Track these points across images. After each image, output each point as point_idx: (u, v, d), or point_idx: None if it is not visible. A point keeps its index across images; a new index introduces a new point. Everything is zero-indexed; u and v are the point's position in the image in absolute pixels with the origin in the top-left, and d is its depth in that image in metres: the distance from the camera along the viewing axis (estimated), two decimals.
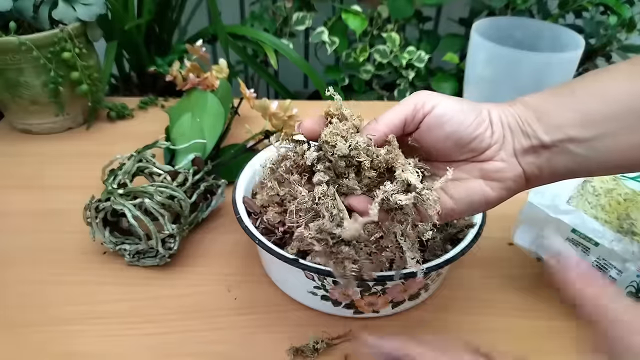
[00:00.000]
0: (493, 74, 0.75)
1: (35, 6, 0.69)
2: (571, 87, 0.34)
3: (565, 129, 0.33)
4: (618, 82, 0.33)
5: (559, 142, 0.33)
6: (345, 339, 0.46)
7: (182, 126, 0.64)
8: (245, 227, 0.45)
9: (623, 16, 0.96)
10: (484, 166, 0.35)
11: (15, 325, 0.46)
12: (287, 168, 0.37)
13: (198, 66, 0.77)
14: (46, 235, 0.57)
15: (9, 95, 0.72)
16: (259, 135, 0.70)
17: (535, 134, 0.34)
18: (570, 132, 0.32)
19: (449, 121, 0.34)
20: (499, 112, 0.35)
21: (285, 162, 0.37)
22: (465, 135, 0.34)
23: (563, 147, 0.33)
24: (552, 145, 0.33)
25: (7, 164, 0.70)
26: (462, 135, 0.34)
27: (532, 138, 0.34)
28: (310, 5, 1.07)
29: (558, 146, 0.33)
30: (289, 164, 0.37)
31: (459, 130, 0.34)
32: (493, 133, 0.34)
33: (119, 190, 0.51)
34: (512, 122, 0.34)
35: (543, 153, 0.34)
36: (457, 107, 0.34)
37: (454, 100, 0.35)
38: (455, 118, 0.34)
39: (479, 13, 1.06)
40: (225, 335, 0.46)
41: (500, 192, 0.35)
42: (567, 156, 0.33)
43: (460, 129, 0.34)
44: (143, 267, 0.53)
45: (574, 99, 0.33)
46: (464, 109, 0.34)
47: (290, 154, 0.37)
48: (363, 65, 1.06)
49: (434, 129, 0.34)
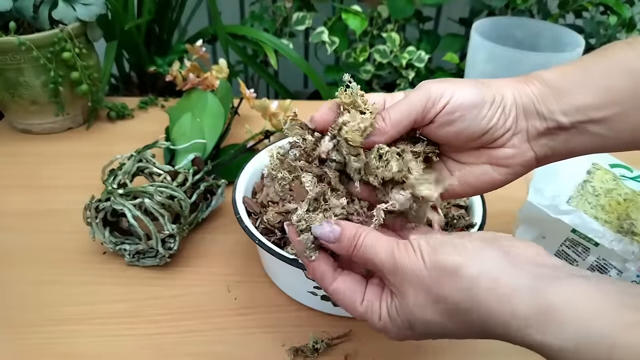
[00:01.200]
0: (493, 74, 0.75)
1: (35, 6, 0.69)
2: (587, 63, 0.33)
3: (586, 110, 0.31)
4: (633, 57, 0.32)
5: (578, 124, 0.32)
6: (345, 339, 0.46)
7: (182, 126, 0.64)
8: (245, 227, 0.45)
9: (623, 16, 0.96)
10: (494, 152, 0.34)
11: (15, 325, 0.46)
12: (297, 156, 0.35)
13: (198, 66, 0.77)
14: (46, 235, 0.57)
15: (9, 95, 0.72)
16: (259, 135, 0.70)
17: (552, 115, 0.32)
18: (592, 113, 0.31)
19: (461, 117, 0.32)
20: (513, 92, 0.33)
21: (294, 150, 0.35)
22: (478, 130, 0.33)
23: (582, 128, 0.32)
24: (571, 127, 0.32)
25: (7, 164, 0.70)
26: (474, 131, 0.33)
27: (549, 120, 0.32)
28: (310, 5, 1.07)
29: (577, 127, 0.32)
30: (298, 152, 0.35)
31: (472, 126, 0.32)
32: (507, 120, 0.33)
33: (119, 190, 0.51)
34: (527, 103, 0.33)
35: (560, 134, 0.32)
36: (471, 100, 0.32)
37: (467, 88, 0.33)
38: (468, 115, 0.32)
39: (479, 13, 1.06)
40: (225, 335, 0.46)
41: (507, 176, 0.34)
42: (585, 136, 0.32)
43: (473, 124, 0.32)
44: (143, 267, 0.53)
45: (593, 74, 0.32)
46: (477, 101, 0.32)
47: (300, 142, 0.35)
48: (363, 65, 1.06)
49: (446, 126, 0.33)
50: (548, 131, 0.33)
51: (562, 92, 0.32)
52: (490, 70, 0.75)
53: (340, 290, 0.32)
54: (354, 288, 0.32)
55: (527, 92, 0.33)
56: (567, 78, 0.33)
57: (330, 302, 0.46)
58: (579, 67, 0.33)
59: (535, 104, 0.33)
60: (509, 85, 0.34)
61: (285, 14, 1.06)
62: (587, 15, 1.03)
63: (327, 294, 0.33)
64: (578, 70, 0.33)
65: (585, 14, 1.03)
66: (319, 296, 0.46)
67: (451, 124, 0.33)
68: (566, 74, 0.33)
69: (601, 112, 0.31)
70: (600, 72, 0.32)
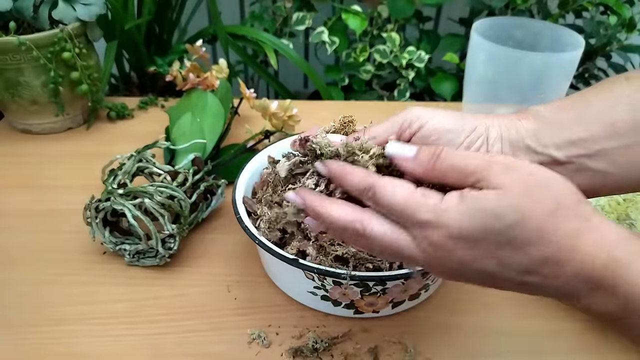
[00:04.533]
0: (493, 74, 0.75)
1: (35, 6, 0.69)
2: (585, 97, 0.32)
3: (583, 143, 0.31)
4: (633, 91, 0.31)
5: (575, 158, 0.31)
6: (345, 339, 0.46)
7: (182, 126, 0.64)
8: (245, 227, 0.45)
9: (623, 16, 0.96)
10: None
11: (15, 325, 0.46)
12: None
13: (198, 66, 0.77)
14: (46, 235, 0.57)
15: (9, 95, 0.72)
16: (259, 135, 0.70)
17: (545, 150, 0.31)
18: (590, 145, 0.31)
19: (436, 142, 0.32)
20: (499, 127, 0.33)
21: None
22: None
23: (581, 164, 0.31)
24: (568, 162, 0.31)
25: (7, 164, 0.70)
26: None
27: (541, 155, 0.32)
28: (310, 5, 1.07)
29: (574, 163, 0.31)
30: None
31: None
32: (488, 152, 0.32)
33: (119, 190, 0.51)
34: (514, 137, 0.32)
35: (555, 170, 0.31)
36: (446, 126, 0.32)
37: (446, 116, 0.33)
38: (443, 138, 0.32)
39: (479, 13, 1.06)
40: (225, 335, 0.46)
41: None
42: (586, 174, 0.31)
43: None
44: (143, 267, 0.53)
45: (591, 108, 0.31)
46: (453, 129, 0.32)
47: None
48: (363, 65, 1.06)
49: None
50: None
51: (557, 126, 0.32)
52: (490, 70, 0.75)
53: (386, 190, 0.28)
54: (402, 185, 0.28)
55: (517, 127, 0.33)
56: (564, 112, 0.32)
57: (330, 302, 0.46)
58: (576, 101, 0.32)
59: (525, 139, 0.32)
60: (498, 119, 0.33)
61: (285, 14, 1.06)
62: (587, 15, 1.03)
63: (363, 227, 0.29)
64: (575, 103, 0.32)
65: (585, 14, 1.03)
66: (319, 296, 0.46)
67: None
68: (562, 109, 0.32)
69: (599, 145, 0.30)
70: (599, 106, 0.31)
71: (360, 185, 0.29)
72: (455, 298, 0.50)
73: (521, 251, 0.25)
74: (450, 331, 0.47)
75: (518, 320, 0.48)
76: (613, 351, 0.45)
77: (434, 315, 0.49)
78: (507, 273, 0.26)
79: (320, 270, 0.41)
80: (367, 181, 0.29)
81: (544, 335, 0.47)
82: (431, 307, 0.49)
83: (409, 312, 0.49)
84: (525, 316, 0.49)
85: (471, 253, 0.26)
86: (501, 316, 0.49)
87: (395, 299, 0.46)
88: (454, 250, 0.26)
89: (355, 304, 0.46)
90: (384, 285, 0.43)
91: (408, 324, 0.48)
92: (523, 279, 0.26)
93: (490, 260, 0.26)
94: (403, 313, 0.48)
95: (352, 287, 0.43)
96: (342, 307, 0.46)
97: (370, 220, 0.29)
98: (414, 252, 0.28)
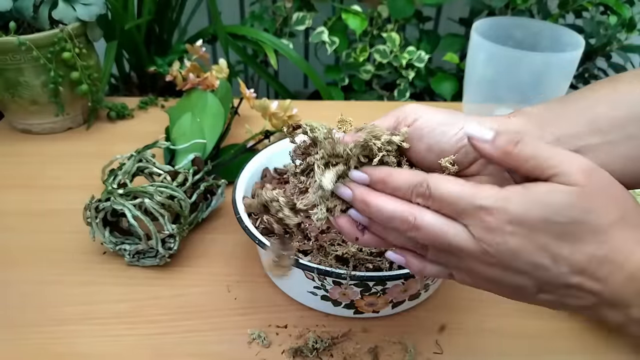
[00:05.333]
0: (493, 74, 0.75)
1: (35, 6, 0.69)
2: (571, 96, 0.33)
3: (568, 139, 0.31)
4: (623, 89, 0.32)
5: None
6: (345, 339, 0.46)
7: (182, 126, 0.64)
8: (245, 227, 0.45)
9: (623, 16, 0.96)
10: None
11: (15, 325, 0.46)
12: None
13: (198, 66, 0.77)
14: (46, 235, 0.57)
15: (9, 95, 0.72)
16: (259, 135, 0.70)
17: None
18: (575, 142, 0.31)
19: (430, 133, 0.33)
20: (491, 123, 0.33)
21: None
22: (447, 147, 0.33)
23: None
24: None
25: (7, 164, 0.70)
26: (444, 148, 0.33)
27: None
28: (310, 5, 1.07)
29: None
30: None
31: (441, 142, 0.33)
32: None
33: (119, 190, 0.51)
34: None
35: None
36: (439, 119, 0.33)
37: (440, 112, 0.34)
38: (437, 130, 0.33)
39: (479, 13, 1.06)
40: (225, 335, 0.46)
41: None
42: None
43: (442, 141, 0.33)
44: (143, 267, 0.53)
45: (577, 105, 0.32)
46: (446, 121, 0.33)
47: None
48: (363, 65, 1.06)
49: (415, 141, 0.33)
50: None
51: (544, 122, 0.32)
52: (490, 70, 0.75)
53: (445, 186, 0.28)
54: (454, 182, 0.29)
55: (507, 124, 0.33)
56: (550, 110, 0.33)
57: (330, 302, 0.46)
58: (563, 100, 0.33)
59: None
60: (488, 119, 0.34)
61: (285, 14, 1.06)
62: (587, 15, 1.03)
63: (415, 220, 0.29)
64: (561, 102, 0.33)
65: (585, 14, 1.03)
66: (319, 296, 0.46)
67: (420, 139, 0.33)
68: (549, 107, 0.33)
69: (583, 141, 0.31)
70: (583, 103, 0.32)
71: (411, 181, 0.30)
72: (456, 298, 0.50)
73: (579, 247, 0.26)
74: (450, 331, 0.47)
75: (518, 320, 0.48)
76: (612, 351, 0.45)
77: (434, 315, 0.49)
78: (558, 269, 0.26)
79: (320, 270, 0.41)
80: (417, 177, 0.30)
81: (543, 336, 0.47)
82: (431, 307, 0.49)
83: (409, 312, 0.49)
84: (525, 316, 0.49)
85: (527, 242, 0.26)
86: (501, 316, 0.49)
87: (395, 299, 0.46)
88: (510, 235, 0.26)
89: (355, 304, 0.46)
90: (384, 285, 0.43)
91: (408, 324, 0.48)
92: (572, 281, 0.26)
93: (545, 253, 0.26)
94: (403, 313, 0.48)
95: (352, 287, 0.43)
96: (342, 307, 0.46)
97: (420, 210, 0.29)
98: (464, 241, 0.28)
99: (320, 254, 0.46)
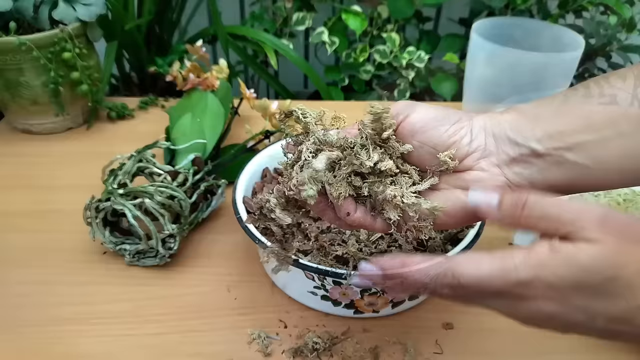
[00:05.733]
0: (493, 74, 0.75)
1: (35, 6, 0.69)
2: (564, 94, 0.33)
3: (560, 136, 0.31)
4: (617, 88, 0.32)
5: (553, 151, 0.31)
6: (345, 339, 0.46)
7: (183, 126, 0.64)
8: (245, 227, 0.45)
9: (623, 16, 0.96)
10: (464, 176, 0.34)
11: (15, 325, 0.46)
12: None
13: (198, 66, 0.77)
14: (46, 235, 0.57)
15: (9, 95, 0.72)
16: (259, 135, 0.70)
17: (525, 142, 0.32)
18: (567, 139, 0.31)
19: (422, 129, 0.33)
20: (484, 120, 0.34)
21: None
22: (439, 142, 0.33)
23: (559, 157, 0.31)
24: (546, 154, 0.32)
25: (7, 164, 0.70)
26: (436, 143, 0.33)
27: (522, 147, 0.32)
28: (310, 5, 1.07)
29: (552, 155, 0.31)
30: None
31: (433, 138, 0.33)
32: (472, 141, 0.33)
33: (119, 190, 0.51)
34: (497, 130, 0.33)
35: (535, 163, 0.32)
36: (431, 115, 0.34)
37: (431, 109, 0.34)
38: (429, 125, 0.33)
39: (479, 13, 1.06)
40: (225, 335, 0.46)
41: None
42: (564, 167, 0.31)
43: (434, 136, 0.33)
44: (143, 267, 0.53)
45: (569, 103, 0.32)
46: (438, 117, 0.33)
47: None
48: (363, 65, 1.06)
49: (407, 137, 0.34)
50: (522, 158, 0.32)
51: (537, 119, 0.32)
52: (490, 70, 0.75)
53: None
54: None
55: (500, 121, 0.33)
56: (544, 107, 0.33)
57: (330, 302, 0.46)
58: (556, 98, 0.33)
59: (507, 131, 0.33)
60: (482, 115, 0.34)
61: (285, 14, 1.06)
62: (587, 15, 1.03)
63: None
64: (554, 100, 0.33)
65: (585, 14, 1.03)
66: (319, 296, 0.46)
67: (412, 135, 0.34)
68: (542, 104, 0.33)
69: (576, 138, 0.31)
70: (575, 100, 0.32)
71: (437, 269, 0.29)
72: None
73: (614, 302, 0.26)
74: (450, 331, 0.47)
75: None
76: (612, 351, 0.45)
77: (434, 315, 0.49)
78: (594, 324, 0.27)
79: (320, 270, 0.41)
80: (442, 266, 0.29)
81: (544, 335, 0.47)
82: (431, 307, 0.49)
83: (409, 312, 0.49)
84: None
85: (561, 306, 0.26)
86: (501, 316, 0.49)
87: (395, 299, 0.46)
88: (544, 301, 0.27)
89: (355, 304, 0.46)
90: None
91: (408, 324, 0.48)
92: (612, 327, 0.27)
93: (580, 312, 0.26)
94: (403, 313, 0.48)
95: (352, 287, 0.43)
96: (342, 307, 0.46)
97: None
98: (498, 310, 0.31)
99: (320, 254, 0.46)
